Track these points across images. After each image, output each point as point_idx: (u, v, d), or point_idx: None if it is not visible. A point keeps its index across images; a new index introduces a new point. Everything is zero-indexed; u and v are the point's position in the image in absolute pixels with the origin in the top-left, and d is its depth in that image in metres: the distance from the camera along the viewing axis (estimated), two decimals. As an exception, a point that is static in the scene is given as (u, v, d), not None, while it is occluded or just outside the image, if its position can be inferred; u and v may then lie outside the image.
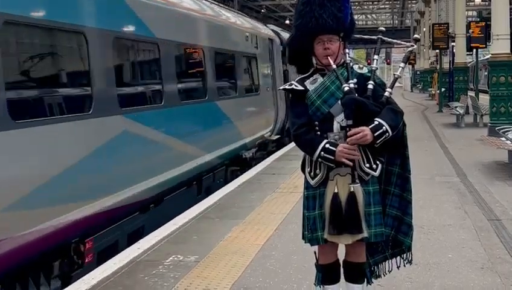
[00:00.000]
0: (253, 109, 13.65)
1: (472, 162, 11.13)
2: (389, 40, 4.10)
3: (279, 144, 16.14)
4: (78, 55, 6.64)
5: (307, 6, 3.65)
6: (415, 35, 4.42)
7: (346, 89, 3.59)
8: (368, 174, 3.64)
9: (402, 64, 3.97)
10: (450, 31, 26.47)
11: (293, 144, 14.18)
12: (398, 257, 3.95)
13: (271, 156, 13.48)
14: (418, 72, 52.23)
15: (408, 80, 56.81)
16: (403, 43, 4.19)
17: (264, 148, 15.00)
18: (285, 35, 18.36)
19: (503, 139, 11.18)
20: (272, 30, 17.63)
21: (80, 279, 5.35)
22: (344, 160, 3.54)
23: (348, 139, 3.54)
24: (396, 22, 64.14)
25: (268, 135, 15.04)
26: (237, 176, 11.14)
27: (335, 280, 3.84)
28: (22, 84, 5.66)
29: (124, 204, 7.06)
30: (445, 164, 11.33)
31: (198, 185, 10.06)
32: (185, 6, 10.10)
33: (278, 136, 15.99)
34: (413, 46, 3.99)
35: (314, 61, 3.77)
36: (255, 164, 12.48)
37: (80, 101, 6.48)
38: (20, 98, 5.45)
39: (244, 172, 11.27)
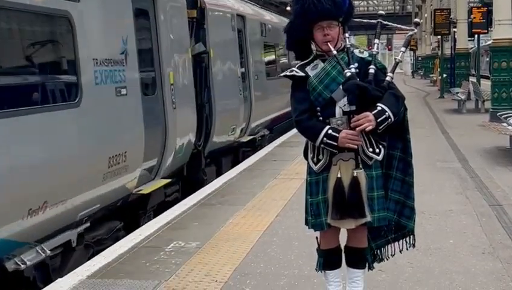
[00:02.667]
0: (51, 145, 5.46)
1: (473, 148, 11.12)
2: (389, 24, 4.07)
3: (190, 186, 8.95)
4: None
5: None
6: (415, 19, 4.40)
7: (348, 74, 3.57)
8: (371, 158, 3.64)
9: (403, 49, 3.95)
10: (451, 16, 26.38)
11: (289, 133, 14.12)
12: (401, 241, 3.95)
13: (272, 143, 13.33)
14: (420, 58, 52.13)
15: (408, 65, 56.70)
16: (403, 27, 4.17)
17: (132, 211, 7.45)
18: None
19: (504, 124, 11.17)
20: None
21: (81, 265, 5.36)
22: (348, 145, 3.54)
23: (352, 125, 3.53)
24: (398, 7, 63.87)
25: (134, 184, 7.16)
26: None
27: (336, 265, 3.85)
28: None
29: None
30: (447, 149, 11.33)
31: None
32: None
33: (169, 179, 8.18)
34: (413, 30, 3.97)
35: (313, 47, 3.75)
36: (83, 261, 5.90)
37: None
38: None
39: None
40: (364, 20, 4.20)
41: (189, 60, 9.27)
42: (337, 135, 3.54)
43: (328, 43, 3.60)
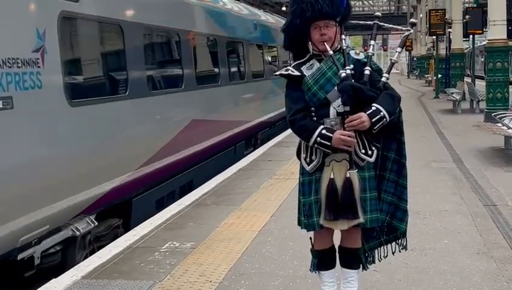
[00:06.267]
0: None
1: (468, 148, 11.14)
2: (386, 25, 4.07)
3: None
4: None
5: None
6: (411, 20, 4.40)
7: (343, 75, 3.57)
8: (363, 160, 3.64)
9: (398, 49, 3.94)
10: (446, 17, 26.42)
11: (285, 133, 14.11)
12: (393, 243, 3.96)
13: (267, 143, 13.37)
14: (415, 59, 52.23)
15: (404, 64, 56.79)
16: (399, 28, 4.16)
17: None
18: None
19: (499, 124, 11.20)
20: None
21: (76, 266, 5.36)
22: (342, 146, 3.53)
23: (346, 125, 3.53)
24: (393, 8, 63.98)
25: None
26: None
27: (331, 266, 3.85)
28: None
29: None
30: (442, 149, 11.34)
31: None
32: None
33: None
34: (409, 30, 3.97)
35: (310, 47, 3.75)
36: None
37: None
38: None
39: None
40: (362, 22, 4.20)
41: None
42: (331, 135, 3.53)
43: (325, 43, 3.60)
